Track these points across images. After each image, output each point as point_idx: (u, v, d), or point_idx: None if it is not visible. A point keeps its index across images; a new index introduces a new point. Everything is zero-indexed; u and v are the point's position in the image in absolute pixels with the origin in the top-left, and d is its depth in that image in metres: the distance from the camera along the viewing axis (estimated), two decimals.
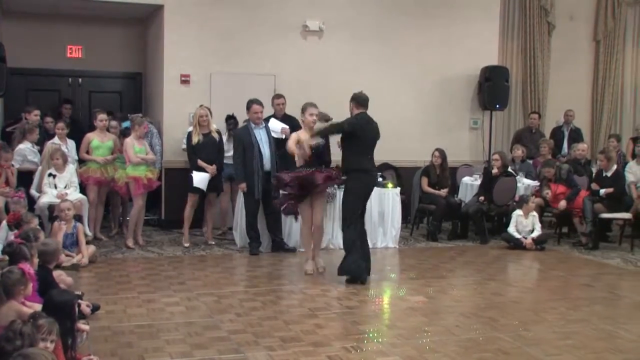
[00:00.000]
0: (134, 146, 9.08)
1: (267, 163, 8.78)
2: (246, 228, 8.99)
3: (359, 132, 7.32)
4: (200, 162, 8.99)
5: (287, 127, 9.02)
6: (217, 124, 10.14)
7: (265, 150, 8.80)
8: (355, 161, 7.38)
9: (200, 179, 9.00)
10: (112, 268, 7.91)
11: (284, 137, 8.88)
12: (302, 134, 7.80)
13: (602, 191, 9.78)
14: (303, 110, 7.90)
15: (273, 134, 8.93)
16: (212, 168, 9.06)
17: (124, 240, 9.28)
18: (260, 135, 8.83)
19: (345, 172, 7.53)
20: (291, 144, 7.68)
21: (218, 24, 10.55)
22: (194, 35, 10.47)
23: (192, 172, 9.00)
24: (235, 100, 9.89)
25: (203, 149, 9.02)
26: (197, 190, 9.08)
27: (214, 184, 9.22)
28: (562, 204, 9.91)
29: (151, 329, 5.64)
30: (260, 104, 8.87)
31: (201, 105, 9.23)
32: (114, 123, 9.85)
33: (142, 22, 11.74)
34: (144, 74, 12.00)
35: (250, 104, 8.85)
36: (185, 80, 10.44)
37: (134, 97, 12.15)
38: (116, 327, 5.65)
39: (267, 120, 9.24)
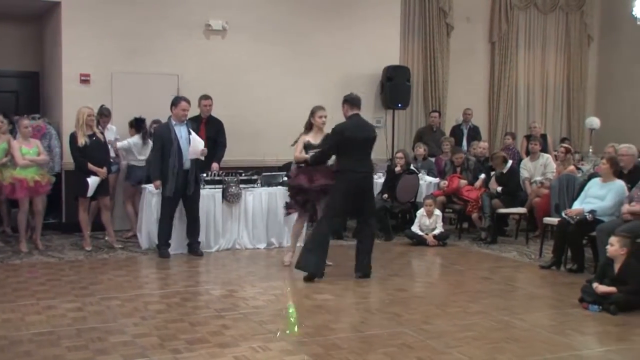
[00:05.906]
0: (20, 148, 8.77)
1: (186, 161, 8.55)
2: (158, 228, 8.78)
3: (347, 134, 7.58)
4: (90, 166, 8.70)
5: (206, 150, 8.84)
6: (119, 125, 9.94)
7: (185, 147, 8.57)
8: (342, 162, 7.66)
9: (93, 184, 8.75)
10: (9, 274, 7.60)
11: (203, 158, 8.78)
12: (312, 137, 8.05)
13: (490, 181, 10.20)
14: (312, 113, 8.09)
15: (191, 155, 8.57)
16: (104, 171, 8.82)
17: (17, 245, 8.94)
18: (181, 132, 8.59)
19: (334, 172, 7.81)
20: (299, 154, 7.98)
21: (118, 21, 10.31)
22: (93, 33, 10.18)
23: (88, 177, 8.68)
24: (137, 100, 9.71)
25: (92, 152, 8.72)
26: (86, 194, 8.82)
27: (105, 187, 9.01)
28: (463, 182, 10.33)
29: (51, 336, 5.47)
30: (189, 102, 8.69)
31: (88, 106, 8.89)
32: None
33: (39, 19, 11.31)
34: (41, 73, 11.57)
35: (178, 100, 8.62)
36: (85, 79, 10.14)
37: (30, 97, 11.68)
38: (13, 336, 5.45)
39: (192, 120, 9.21)
